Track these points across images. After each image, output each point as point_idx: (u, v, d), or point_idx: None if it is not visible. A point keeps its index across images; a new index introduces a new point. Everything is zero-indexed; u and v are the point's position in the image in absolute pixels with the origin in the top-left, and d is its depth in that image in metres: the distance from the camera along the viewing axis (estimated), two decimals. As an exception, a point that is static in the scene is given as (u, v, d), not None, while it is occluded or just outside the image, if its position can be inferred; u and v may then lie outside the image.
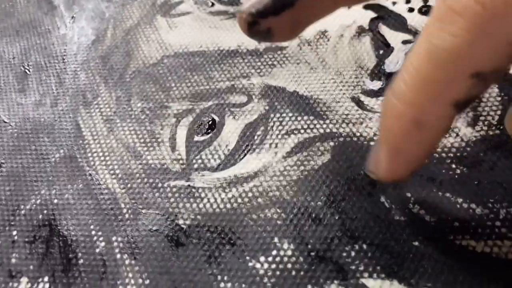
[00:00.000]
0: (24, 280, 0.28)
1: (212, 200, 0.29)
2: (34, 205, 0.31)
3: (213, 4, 0.41)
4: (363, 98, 0.32)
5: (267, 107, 0.33)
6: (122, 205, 0.30)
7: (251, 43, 0.37)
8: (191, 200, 0.29)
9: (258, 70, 0.35)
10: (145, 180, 0.31)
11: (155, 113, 0.34)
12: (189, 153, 0.32)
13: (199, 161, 0.31)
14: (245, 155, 0.31)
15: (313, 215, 0.27)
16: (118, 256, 0.28)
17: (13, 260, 0.29)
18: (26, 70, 0.40)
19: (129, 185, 0.31)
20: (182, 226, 0.28)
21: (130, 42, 0.40)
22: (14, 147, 0.35)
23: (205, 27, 0.39)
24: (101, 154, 0.33)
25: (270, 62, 0.36)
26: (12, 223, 0.30)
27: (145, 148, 0.32)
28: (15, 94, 0.39)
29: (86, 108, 0.36)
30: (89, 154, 0.33)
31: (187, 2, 0.42)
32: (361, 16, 0.37)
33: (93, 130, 0.35)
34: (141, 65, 0.38)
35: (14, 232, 0.30)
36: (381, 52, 0.34)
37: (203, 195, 0.29)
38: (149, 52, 0.39)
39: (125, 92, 0.36)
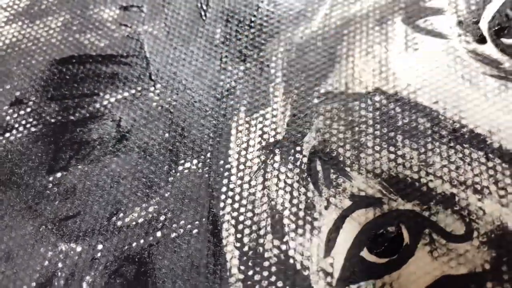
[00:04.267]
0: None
1: None
2: (134, 222, 0.24)
3: (483, 40, 0.27)
4: None
5: (487, 266, 0.21)
6: (230, 299, 0.22)
7: (511, 138, 0.24)
8: None
9: (502, 192, 0.23)
10: (272, 279, 0.22)
11: (328, 174, 0.24)
12: (345, 271, 0.22)
13: (354, 295, 0.21)
14: (421, 328, 0.20)
15: None
16: None
17: (84, 284, 0.23)
18: (202, 11, 0.31)
19: (250, 273, 0.22)
20: None
21: (342, 42, 0.28)
22: (146, 121, 0.27)
23: (455, 73, 0.26)
24: (237, 197, 0.24)
25: (526, 189, 0.22)
26: (104, 231, 0.24)
27: (293, 226, 0.23)
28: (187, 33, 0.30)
29: (248, 113, 0.27)
30: (223, 188, 0.24)
31: (449, 16, 0.28)
32: None
33: (242, 152, 0.25)
34: (341, 87, 0.26)
35: (100, 246, 0.24)
36: None
37: None
38: (362, 71, 0.27)
39: (304, 119, 0.26)
